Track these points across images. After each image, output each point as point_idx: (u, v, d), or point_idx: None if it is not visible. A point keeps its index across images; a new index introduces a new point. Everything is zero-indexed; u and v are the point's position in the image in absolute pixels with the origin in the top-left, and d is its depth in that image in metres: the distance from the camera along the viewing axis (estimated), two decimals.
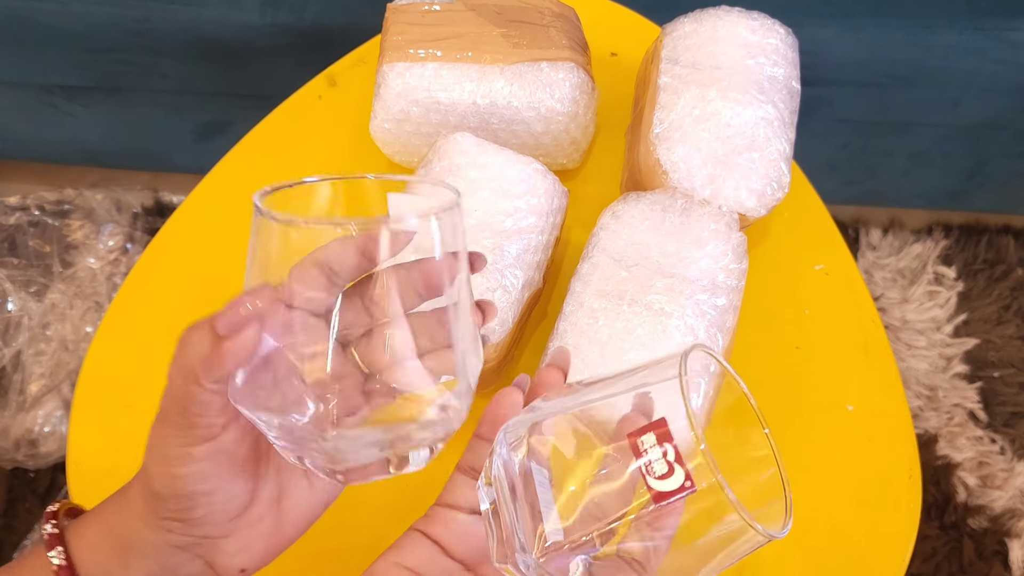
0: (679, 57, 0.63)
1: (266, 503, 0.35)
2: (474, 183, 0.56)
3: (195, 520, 0.32)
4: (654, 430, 0.28)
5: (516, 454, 0.31)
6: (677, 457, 0.27)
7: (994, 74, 0.94)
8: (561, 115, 0.63)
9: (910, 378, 1.14)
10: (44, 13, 0.94)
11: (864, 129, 1.06)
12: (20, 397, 1.08)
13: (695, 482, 0.27)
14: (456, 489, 0.35)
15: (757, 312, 0.61)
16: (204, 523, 0.32)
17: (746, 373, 0.60)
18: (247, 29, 0.95)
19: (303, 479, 0.36)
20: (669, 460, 0.27)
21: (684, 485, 0.27)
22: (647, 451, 0.28)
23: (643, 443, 0.28)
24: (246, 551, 0.34)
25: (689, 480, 0.27)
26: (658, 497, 0.27)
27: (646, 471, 0.28)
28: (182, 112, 1.11)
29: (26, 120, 1.15)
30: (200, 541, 0.33)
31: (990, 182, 1.13)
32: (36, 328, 1.13)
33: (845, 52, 0.94)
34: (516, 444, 0.31)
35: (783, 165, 0.59)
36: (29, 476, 1.05)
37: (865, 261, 1.23)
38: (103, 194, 1.24)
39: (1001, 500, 1.06)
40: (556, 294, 0.63)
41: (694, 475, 0.27)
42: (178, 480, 0.31)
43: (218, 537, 0.33)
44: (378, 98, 0.63)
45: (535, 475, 0.30)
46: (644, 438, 0.28)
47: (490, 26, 0.64)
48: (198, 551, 0.33)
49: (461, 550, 0.34)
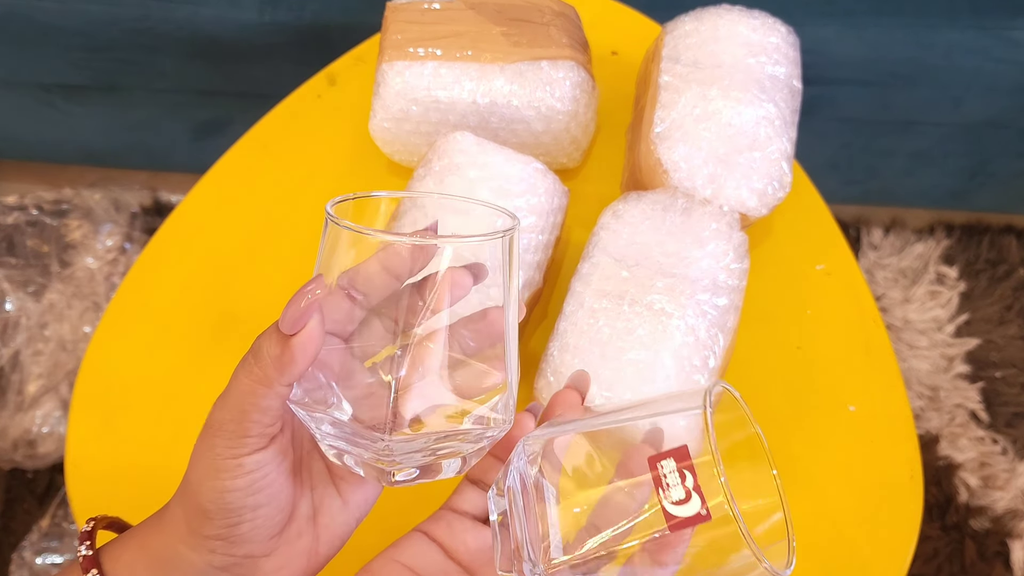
0: (680, 56, 0.62)
1: (304, 520, 0.35)
2: (474, 182, 0.56)
3: (239, 537, 0.32)
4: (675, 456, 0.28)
5: (532, 467, 0.31)
6: (696, 486, 0.27)
7: (996, 73, 0.94)
8: (561, 114, 0.62)
9: (912, 378, 1.14)
10: (42, 11, 0.94)
11: (865, 128, 1.06)
12: (18, 397, 1.08)
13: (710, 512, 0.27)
14: (465, 496, 0.36)
15: (758, 312, 0.61)
16: (247, 540, 0.32)
17: (747, 374, 0.60)
18: (246, 28, 0.94)
19: (336, 497, 0.36)
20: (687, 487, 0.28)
21: (700, 513, 0.27)
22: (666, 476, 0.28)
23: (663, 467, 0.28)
24: (285, 568, 0.34)
25: (705, 508, 0.27)
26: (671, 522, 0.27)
27: (663, 495, 0.28)
28: (181, 111, 1.11)
29: (24, 119, 1.15)
30: (242, 561, 0.33)
31: (992, 181, 1.13)
32: (34, 328, 1.13)
33: (846, 51, 0.94)
34: (533, 458, 0.31)
35: (784, 164, 0.59)
36: (27, 477, 1.05)
37: (867, 261, 1.23)
38: (101, 194, 1.24)
39: (1003, 501, 1.06)
40: (556, 294, 0.63)
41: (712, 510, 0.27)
42: (227, 494, 0.31)
43: (259, 556, 0.33)
44: (377, 97, 0.63)
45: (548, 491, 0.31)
46: (664, 463, 0.28)
47: (490, 24, 0.64)
48: (239, 571, 0.33)
49: (462, 553, 0.35)
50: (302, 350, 0.29)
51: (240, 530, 0.32)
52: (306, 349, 0.29)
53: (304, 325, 0.29)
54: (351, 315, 0.33)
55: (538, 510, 0.30)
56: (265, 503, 0.32)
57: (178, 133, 1.15)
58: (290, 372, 0.30)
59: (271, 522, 0.33)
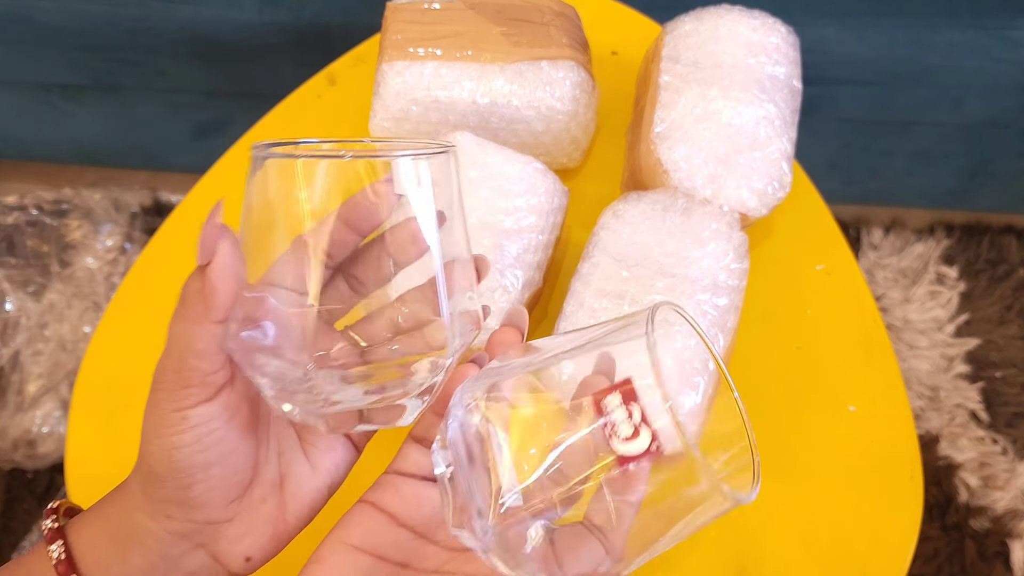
0: (680, 56, 0.62)
1: (268, 485, 0.34)
2: (474, 182, 0.56)
3: (194, 501, 0.31)
4: (619, 389, 0.26)
5: (472, 416, 0.29)
6: (643, 418, 0.26)
7: (996, 73, 0.94)
8: (561, 114, 0.62)
9: (912, 378, 1.14)
10: (42, 12, 0.94)
11: (866, 128, 1.06)
12: (18, 397, 1.08)
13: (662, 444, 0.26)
14: (408, 456, 0.34)
15: (758, 312, 0.61)
16: (204, 504, 0.31)
17: (748, 374, 0.60)
18: (246, 28, 0.94)
19: (304, 463, 0.35)
20: (635, 422, 0.26)
21: (650, 448, 0.26)
22: (611, 412, 0.26)
23: (607, 404, 0.27)
24: (249, 536, 0.33)
25: (656, 442, 0.26)
26: (622, 460, 0.26)
27: (610, 433, 0.26)
28: (180, 111, 1.11)
29: (24, 119, 1.15)
30: (201, 528, 0.32)
31: (992, 181, 1.13)
32: (34, 328, 1.13)
33: (846, 51, 0.94)
34: (472, 407, 0.30)
35: (784, 164, 0.59)
36: (27, 477, 1.05)
37: (867, 261, 1.23)
38: (101, 193, 1.24)
39: (1003, 501, 1.06)
40: (556, 294, 0.63)
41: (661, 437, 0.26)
42: (174, 451, 0.30)
43: (220, 522, 0.32)
44: (377, 97, 0.63)
45: (493, 437, 0.29)
46: (609, 399, 0.27)
47: (490, 24, 0.64)
48: (199, 539, 0.32)
49: (412, 517, 0.33)
50: (219, 276, 0.28)
51: (193, 492, 0.31)
52: (223, 274, 0.28)
53: (214, 250, 0.28)
54: None
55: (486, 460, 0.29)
56: (216, 461, 0.31)
57: (178, 133, 1.15)
58: (214, 303, 0.29)
59: (226, 484, 0.32)
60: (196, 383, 0.30)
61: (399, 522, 0.33)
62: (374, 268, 0.33)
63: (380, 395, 0.32)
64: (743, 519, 0.56)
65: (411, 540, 0.33)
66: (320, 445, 0.35)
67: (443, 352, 0.32)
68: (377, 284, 0.33)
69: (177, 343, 0.29)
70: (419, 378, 0.32)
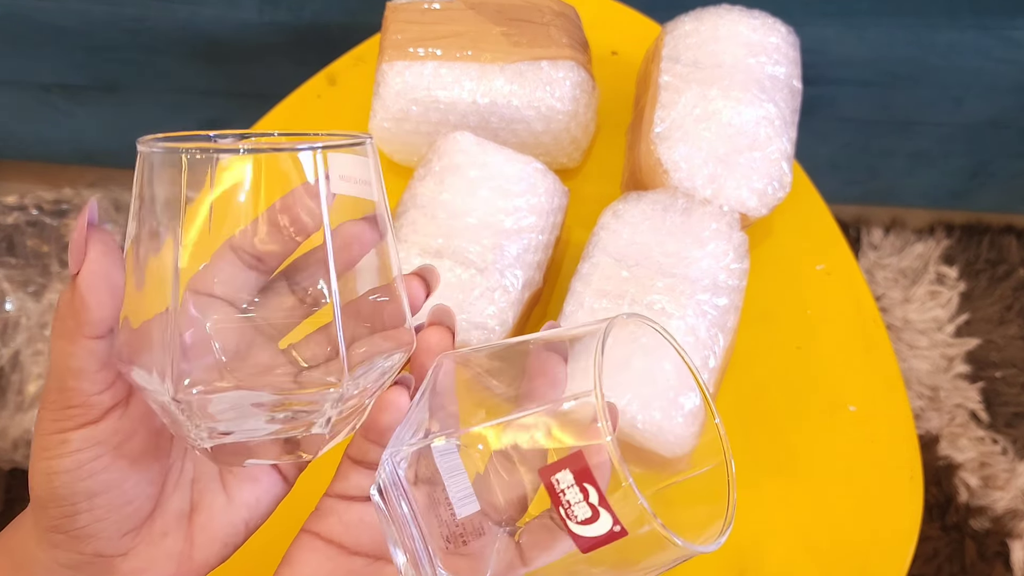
0: (680, 56, 0.62)
1: (173, 516, 0.30)
2: (474, 182, 0.56)
3: (80, 532, 0.28)
4: (570, 467, 0.24)
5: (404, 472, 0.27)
6: (601, 500, 0.24)
7: (996, 73, 0.94)
8: (561, 114, 0.62)
9: (912, 378, 1.14)
10: (41, 11, 0.94)
11: (866, 128, 1.06)
12: (18, 397, 1.08)
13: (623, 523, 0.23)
14: (348, 478, 0.31)
15: (758, 312, 0.61)
16: (91, 536, 0.28)
17: (747, 374, 0.60)
18: (246, 27, 0.94)
19: (220, 493, 0.31)
20: (592, 503, 0.24)
21: (612, 531, 0.24)
22: (564, 492, 0.24)
23: (558, 482, 0.24)
24: (148, 572, 0.29)
25: (618, 524, 0.23)
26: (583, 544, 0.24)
27: (566, 516, 0.24)
28: (180, 111, 1.11)
29: (23, 119, 1.14)
30: (92, 560, 0.29)
31: (992, 181, 1.13)
32: (34, 328, 1.13)
33: (846, 51, 0.94)
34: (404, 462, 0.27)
35: (784, 164, 0.59)
36: (27, 477, 1.05)
37: (867, 261, 1.23)
38: (101, 193, 1.24)
39: (1003, 501, 1.06)
40: (556, 294, 0.63)
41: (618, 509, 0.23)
42: (54, 477, 0.27)
43: (112, 555, 0.29)
44: (377, 97, 0.63)
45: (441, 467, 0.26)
46: (559, 476, 0.24)
47: (490, 24, 0.64)
48: (90, 571, 0.29)
49: (363, 543, 0.31)
50: (89, 286, 0.25)
51: (78, 522, 0.28)
52: (93, 284, 0.25)
53: (84, 257, 0.25)
54: (246, 281, 0.28)
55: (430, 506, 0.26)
56: (101, 491, 0.28)
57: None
58: (87, 319, 0.25)
59: (118, 515, 0.28)
60: (77, 403, 0.27)
61: (350, 551, 0.31)
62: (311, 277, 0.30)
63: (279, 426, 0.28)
64: (743, 519, 0.56)
65: (367, 565, 0.31)
66: (241, 475, 0.31)
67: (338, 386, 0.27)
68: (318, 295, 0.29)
69: (55, 361, 0.26)
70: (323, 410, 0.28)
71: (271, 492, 0.32)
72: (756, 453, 0.58)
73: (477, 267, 0.53)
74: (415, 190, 0.57)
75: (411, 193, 0.57)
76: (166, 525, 0.30)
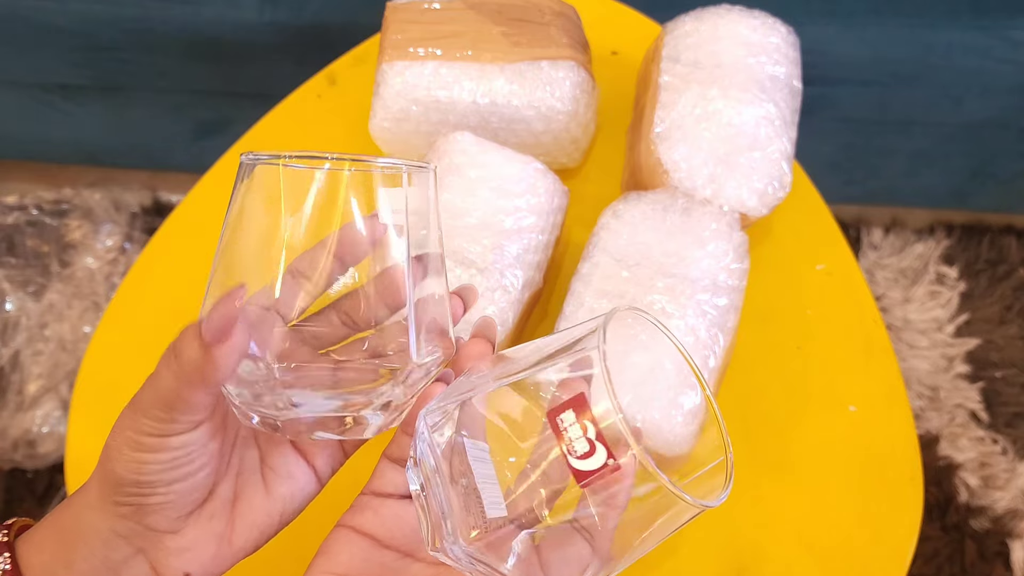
0: (680, 56, 0.62)
1: (221, 502, 0.33)
2: (474, 182, 0.56)
3: (148, 508, 0.31)
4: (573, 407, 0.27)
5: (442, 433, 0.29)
6: (598, 435, 0.26)
7: (996, 73, 0.94)
8: (561, 114, 0.62)
9: (912, 378, 1.14)
10: (41, 12, 0.94)
11: (866, 128, 1.06)
12: (18, 397, 1.08)
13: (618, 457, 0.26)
14: (384, 475, 0.34)
15: (758, 312, 0.61)
16: (157, 513, 0.31)
17: (748, 373, 0.60)
18: (246, 27, 0.94)
19: (261, 485, 0.34)
20: (589, 438, 0.26)
21: (607, 463, 0.26)
22: (567, 429, 0.26)
23: (563, 421, 0.27)
24: (191, 551, 0.32)
25: (612, 458, 0.26)
26: (580, 476, 0.26)
27: (567, 451, 0.26)
28: (181, 111, 1.11)
29: (24, 119, 1.15)
30: (145, 532, 0.32)
31: (992, 181, 1.13)
32: (34, 328, 1.13)
33: (847, 51, 0.94)
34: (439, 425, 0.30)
35: (784, 164, 0.59)
36: (27, 477, 1.05)
37: (867, 261, 1.23)
38: (101, 193, 1.24)
39: (1003, 501, 1.06)
40: (556, 294, 0.63)
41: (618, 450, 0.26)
42: (144, 466, 0.30)
43: (164, 532, 0.32)
44: (377, 97, 0.63)
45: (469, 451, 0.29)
46: (564, 415, 0.27)
47: (490, 24, 0.64)
48: (141, 543, 0.32)
49: (396, 538, 0.33)
50: (225, 361, 0.28)
51: (150, 500, 0.31)
52: (228, 361, 0.28)
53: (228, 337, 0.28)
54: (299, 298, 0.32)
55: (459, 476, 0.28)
56: (181, 479, 0.31)
57: (178, 133, 1.15)
58: (212, 380, 0.29)
59: (185, 499, 0.32)
60: (182, 423, 0.30)
61: (383, 544, 0.33)
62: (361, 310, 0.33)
63: (342, 402, 0.32)
64: (743, 519, 0.56)
65: (397, 560, 0.33)
66: (280, 471, 0.34)
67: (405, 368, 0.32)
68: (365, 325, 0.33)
69: (168, 393, 0.29)
70: (382, 390, 0.32)
71: (305, 490, 0.35)
72: (756, 453, 0.58)
73: (477, 267, 0.53)
74: None
75: None
76: (214, 509, 0.33)
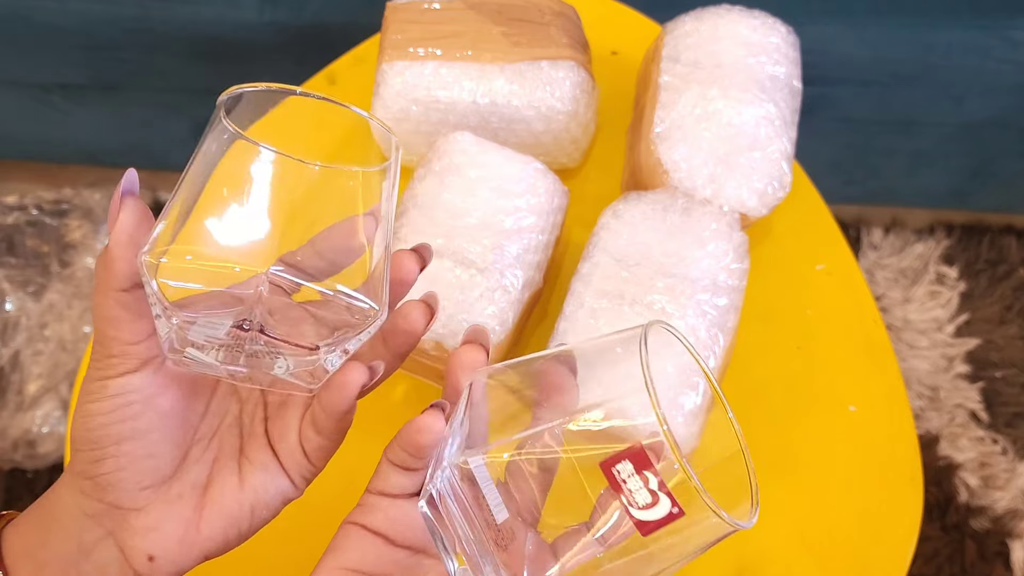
0: (680, 56, 0.62)
1: (189, 485, 0.33)
2: (474, 182, 0.56)
3: (103, 479, 0.31)
4: (629, 458, 0.26)
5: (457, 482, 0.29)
6: (660, 485, 0.26)
7: (997, 72, 0.94)
8: (561, 114, 0.62)
9: (912, 378, 1.14)
10: (41, 11, 0.94)
11: (866, 128, 1.06)
12: (18, 397, 1.08)
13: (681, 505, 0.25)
14: (389, 477, 0.33)
15: (758, 312, 0.61)
16: (113, 485, 0.31)
17: (748, 374, 0.60)
18: (246, 27, 0.94)
19: (235, 473, 0.34)
20: (652, 489, 0.26)
21: (672, 512, 0.25)
22: (626, 481, 0.26)
23: (619, 472, 0.26)
24: (156, 531, 0.32)
25: (676, 506, 0.25)
26: (644, 528, 0.26)
27: (628, 503, 0.26)
28: (181, 110, 1.11)
29: (23, 119, 1.14)
30: (109, 510, 0.31)
31: (993, 181, 1.13)
32: (34, 328, 1.13)
33: (847, 51, 0.94)
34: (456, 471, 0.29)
35: (784, 164, 0.59)
36: (27, 477, 1.05)
37: (867, 261, 1.23)
38: (101, 193, 1.24)
39: (1003, 501, 1.06)
40: (556, 294, 0.63)
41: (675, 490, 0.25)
42: (89, 419, 0.30)
43: (128, 508, 0.32)
44: (377, 97, 0.63)
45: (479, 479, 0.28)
46: (619, 467, 0.26)
47: (490, 24, 0.64)
48: (109, 525, 0.32)
49: (406, 537, 0.33)
50: (117, 243, 0.28)
51: (103, 468, 0.31)
52: (121, 239, 0.28)
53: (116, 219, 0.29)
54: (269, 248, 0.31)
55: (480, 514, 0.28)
56: (129, 437, 0.30)
57: (178, 132, 1.15)
58: (115, 271, 0.29)
59: (139, 466, 0.31)
60: (116, 353, 0.30)
61: (394, 543, 0.32)
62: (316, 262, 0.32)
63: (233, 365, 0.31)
64: None
65: (410, 557, 0.33)
66: (255, 461, 0.34)
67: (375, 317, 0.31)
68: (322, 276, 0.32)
69: (95, 315, 0.30)
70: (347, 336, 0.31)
71: (278, 487, 0.34)
72: (756, 453, 0.58)
73: (477, 267, 0.53)
74: (415, 190, 0.57)
75: (411, 193, 0.57)
76: (182, 489, 0.33)
